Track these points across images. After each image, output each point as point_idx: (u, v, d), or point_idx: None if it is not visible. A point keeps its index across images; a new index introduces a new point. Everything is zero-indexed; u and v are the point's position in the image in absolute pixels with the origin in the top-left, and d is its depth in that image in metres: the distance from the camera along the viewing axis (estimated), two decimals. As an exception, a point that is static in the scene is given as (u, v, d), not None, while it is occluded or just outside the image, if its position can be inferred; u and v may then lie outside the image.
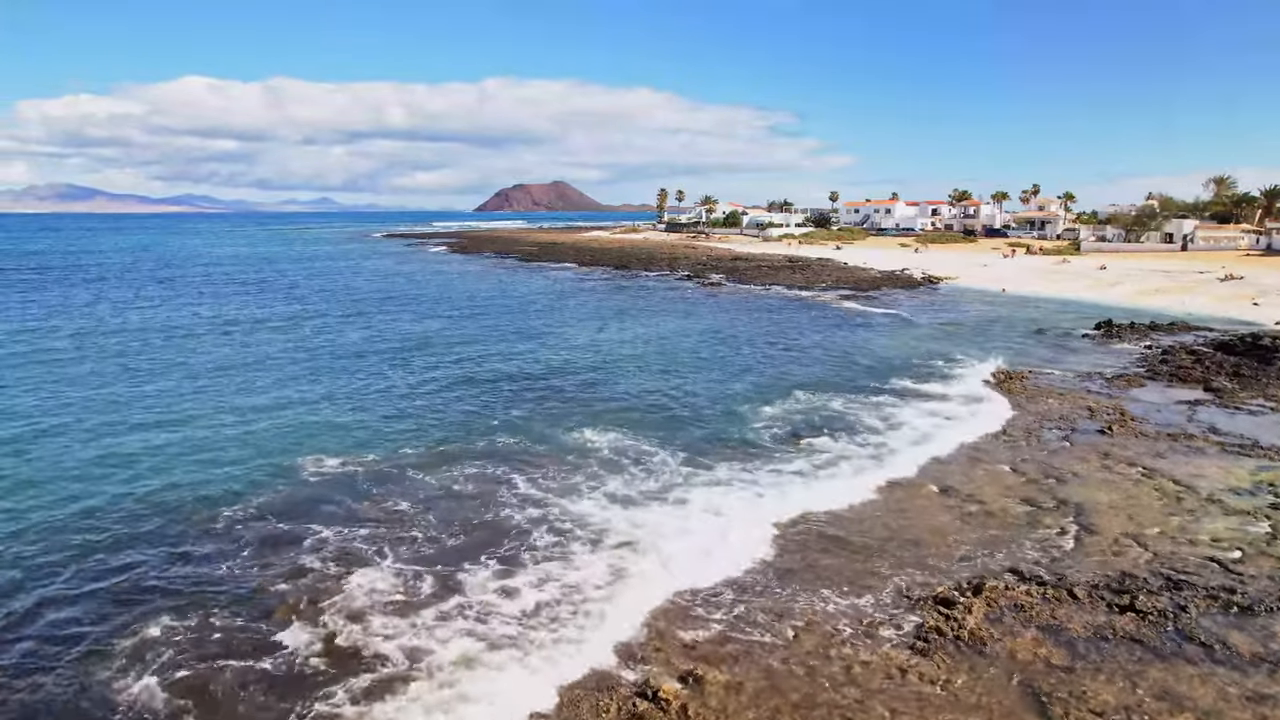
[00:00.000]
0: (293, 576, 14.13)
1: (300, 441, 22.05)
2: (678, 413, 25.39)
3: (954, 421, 24.18)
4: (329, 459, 20.56)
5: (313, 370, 31.65)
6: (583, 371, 31.78)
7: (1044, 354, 36.62)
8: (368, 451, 21.31)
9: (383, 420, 24.41)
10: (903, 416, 24.67)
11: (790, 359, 35.15)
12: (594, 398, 27.35)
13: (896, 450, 21.51)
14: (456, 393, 28.09)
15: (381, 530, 16.27)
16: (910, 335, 42.13)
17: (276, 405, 25.93)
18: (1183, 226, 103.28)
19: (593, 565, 14.48)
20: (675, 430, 23.25)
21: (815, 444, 21.80)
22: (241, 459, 20.66)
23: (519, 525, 16.41)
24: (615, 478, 19.13)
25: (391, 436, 22.74)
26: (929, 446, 21.76)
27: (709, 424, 23.97)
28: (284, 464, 20.21)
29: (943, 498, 18.20)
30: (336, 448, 21.48)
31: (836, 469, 19.84)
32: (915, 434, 22.96)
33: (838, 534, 16.17)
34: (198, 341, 38.35)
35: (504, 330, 42.73)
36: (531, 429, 23.37)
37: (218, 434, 22.79)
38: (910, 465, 20.28)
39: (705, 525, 16.32)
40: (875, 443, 22.13)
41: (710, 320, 47.90)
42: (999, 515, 17.07)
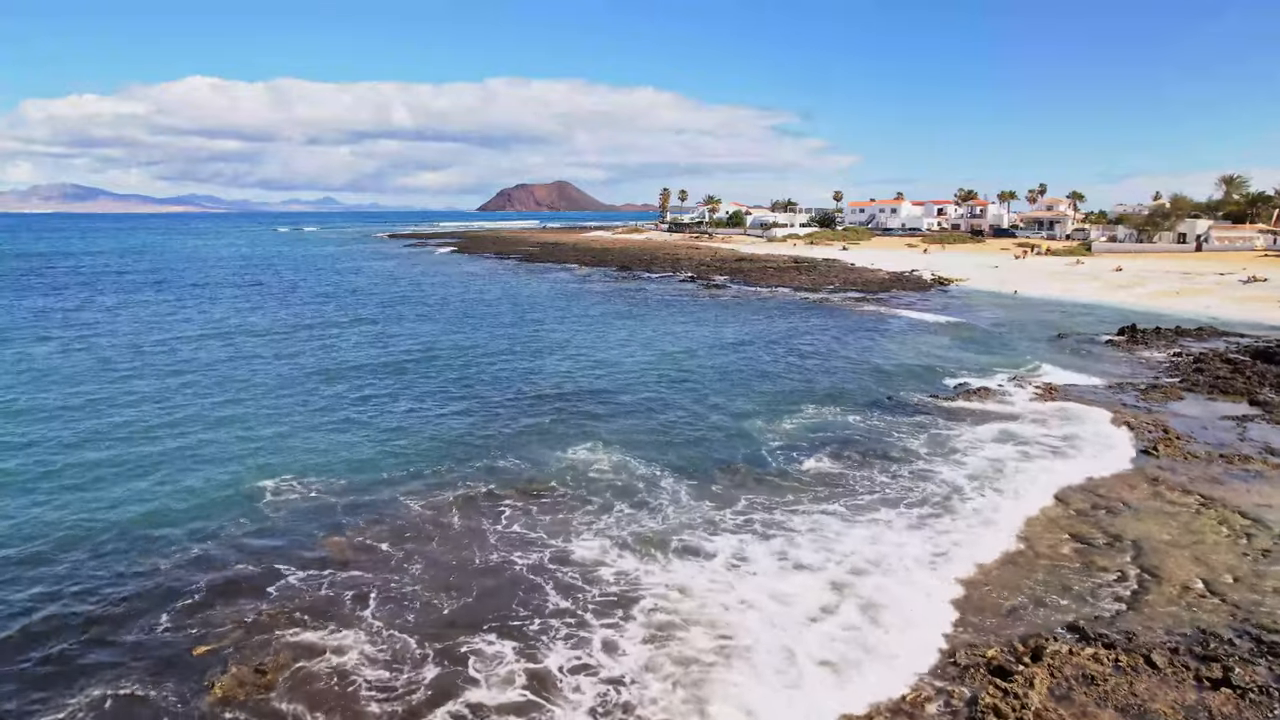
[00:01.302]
0: (244, 640, 12.23)
1: (270, 463, 20.20)
2: (687, 431, 23.49)
3: (994, 444, 22.01)
4: (302, 483, 18.74)
5: (294, 383, 29.80)
6: (584, 383, 29.91)
7: (1069, 362, 34.67)
8: (347, 474, 19.48)
9: (366, 438, 22.58)
10: (939, 438, 22.47)
11: (806, 367, 33.27)
12: (596, 414, 25.48)
13: (939, 477, 19.31)
14: (449, 407, 26.24)
15: (360, 577, 14.39)
16: (927, 342, 40.22)
17: (247, 422, 24.05)
18: (1196, 226, 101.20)
19: (629, 646, 11.97)
20: (686, 453, 21.32)
21: (848, 476, 19.60)
22: (200, 484, 18.80)
23: (524, 578, 14.21)
24: (625, 514, 17.05)
25: (375, 457, 20.91)
26: (968, 470, 19.74)
27: (725, 447, 21.96)
28: (249, 489, 18.37)
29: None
30: (312, 470, 19.64)
31: (877, 514, 17.22)
32: (958, 461, 20.64)
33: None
34: (175, 351, 36.50)
35: (501, 338, 40.90)
36: (530, 450, 21.52)
37: (175, 454, 20.87)
38: (962, 501, 17.97)
39: (747, 589, 13.73)
40: (917, 470, 19.79)
41: (717, 325, 46.03)
42: (1047, 555, 15.19)
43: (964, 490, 18.41)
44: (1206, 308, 51.87)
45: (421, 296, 60.63)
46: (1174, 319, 46.94)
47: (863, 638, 12.26)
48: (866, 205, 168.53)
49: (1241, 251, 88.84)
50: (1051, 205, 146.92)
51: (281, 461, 20.29)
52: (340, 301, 56.81)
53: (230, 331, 42.18)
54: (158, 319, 47.05)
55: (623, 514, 17.04)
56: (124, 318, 47.31)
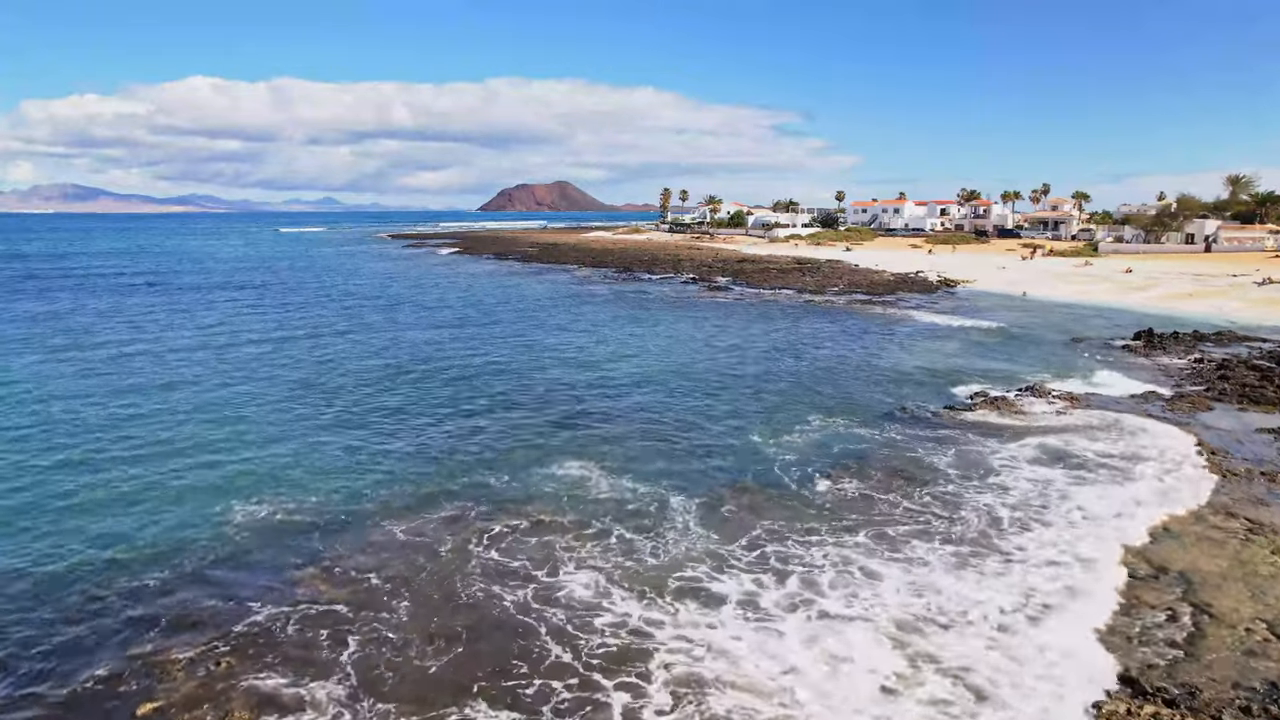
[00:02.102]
0: (199, 693, 10.92)
1: (244, 482, 18.86)
2: (691, 445, 22.18)
3: (1031, 464, 20.44)
4: (277, 504, 17.45)
5: (277, 395, 28.48)
6: (581, 393, 28.60)
7: (1087, 369, 33.36)
8: (326, 494, 18.18)
9: (349, 455, 21.26)
10: (965, 456, 21.02)
11: (813, 374, 31.95)
12: (594, 426, 24.18)
13: (972, 503, 17.74)
14: (438, 420, 24.94)
15: (337, 615, 13.08)
16: (937, 347, 38.90)
17: (223, 438, 22.64)
18: (1204, 227, 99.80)
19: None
20: (690, 470, 20.02)
21: (871, 500, 18.24)
22: (165, 505, 17.49)
23: (516, 622, 12.80)
24: (626, 543, 15.69)
25: (358, 475, 19.60)
26: (1007, 496, 18.18)
27: (732, 463, 20.64)
28: (219, 512, 17.08)
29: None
30: (289, 490, 18.35)
31: (910, 550, 15.29)
32: (992, 485, 19.00)
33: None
34: (157, 360, 35.16)
35: (496, 344, 39.56)
36: (523, 467, 20.20)
37: (140, 473, 19.54)
38: (1001, 534, 16.25)
39: (787, 646, 11.92)
40: (946, 495, 18.15)
41: (719, 329, 44.71)
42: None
43: (1003, 523, 16.65)
44: (1222, 311, 50.54)
45: (417, 300, 59.35)
46: (1190, 322, 45.64)
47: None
48: (869, 205, 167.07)
49: (1251, 252, 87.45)
50: (1056, 205, 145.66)
51: (256, 480, 18.98)
52: (333, 306, 55.51)
53: (218, 339, 40.89)
54: (145, 326, 45.76)
55: (623, 543, 15.71)
56: (111, 324, 46.02)
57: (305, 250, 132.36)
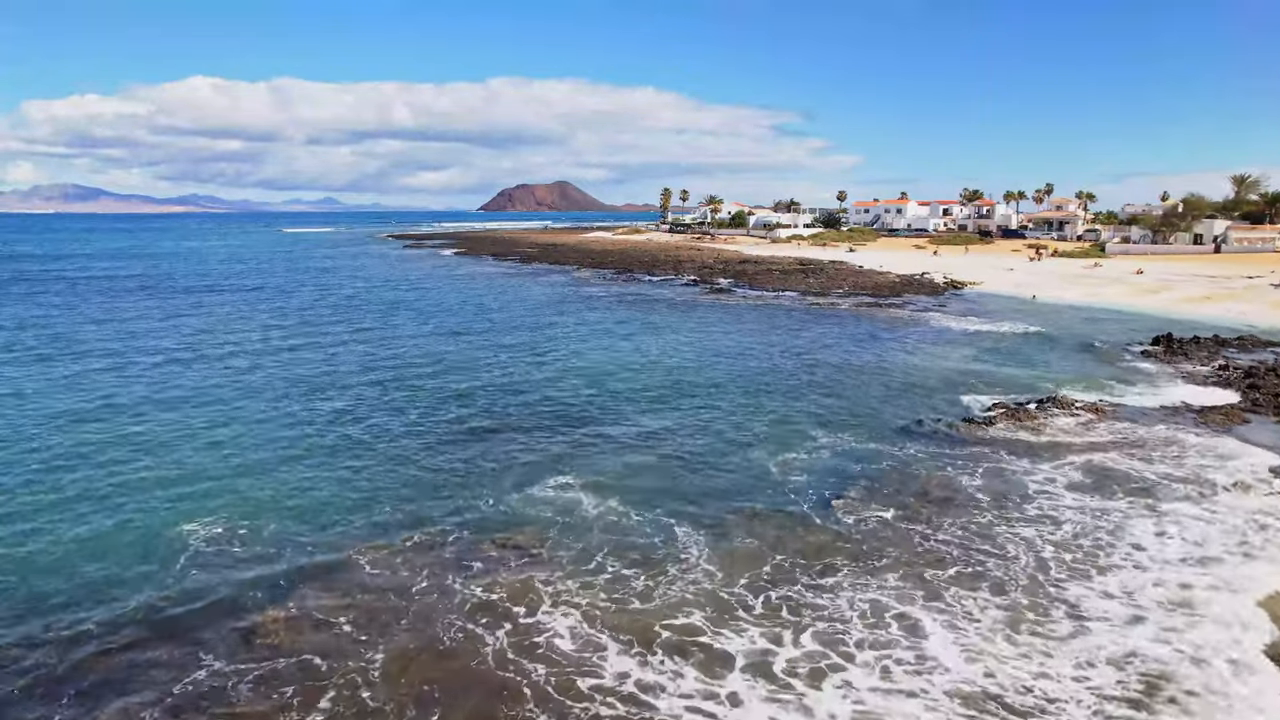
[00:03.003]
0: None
1: (207, 505, 17.36)
2: (693, 463, 20.70)
3: (1070, 492, 18.55)
4: (241, 532, 16.00)
5: (252, 408, 26.91)
6: (575, 405, 27.10)
7: (1108, 377, 31.89)
8: (295, 519, 16.72)
9: (324, 474, 19.78)
10: (996, 478, 19.30)
11: (821, 383, 30.48)
12: (588, 442, 22.70)
13: (1011, 538, 15.66)
14: (422, 435, 23.45)
15: (300, 666, 11.61)
16: (948, 353, 37.43)
17: (190, 455, 21.08)
18: (1213, 227, 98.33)
19: None
20: (692, 491, 18.54)
21: (896, 531, 16.63)
22: (115, 531, 16.02)
23: (500, 681, 11.35)
24: (621, 580, 14.17)
25: (332, 497, 18.14)
26: (1049, 532, 16.25)
27: (738, 484, 19.16)
28: (175, 540, 15.62)
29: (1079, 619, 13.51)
30: (256, 514, 16.88)
31: (950, 599, 13.02)
32: (1029, 517, 16.94)
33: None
34: (132, 369, 33.66)
35: (489, 351, 38.03)
36: (510, 488, 18.72)
37: (93, 493, 18.03)
38: (1049, 580, 13.97)
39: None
40: (981, 527, 16.10)
41: (721, 333, 43.24)
42: (1141, 637, 12.39)
43: (1059, 565, 14.56)
44: (1241, 314, 49.05)
45: (412, 304, 57.93)
46: (1208, 326, 44.17)
47: None
48: (871, 205, 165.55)
49: (1263, 253, 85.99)
50: (1061, 205, 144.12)
51: (220, 505, 17.49)
52: (325, 312, 54.03)
53: (201, 348, 39.38)
54: (128, 332, 44.29)
55: (619, 581, 14.20)
56: (94, 330, 44.56)
57: (305, 251, 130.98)
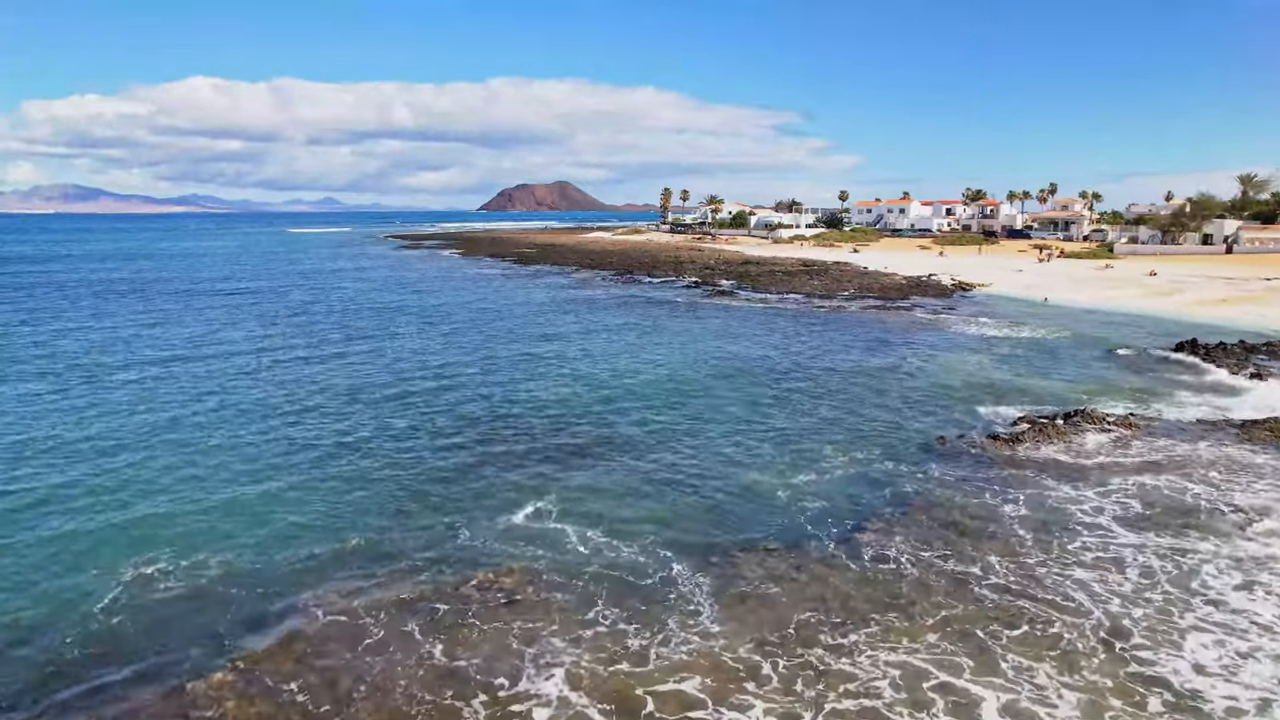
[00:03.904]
0: None
1: (150, 536, 15.53)
2: (695, 487, 18.85)
3: (1124, 527, 16.41)
4: (184, 571, 14.19)
5: (219, 424, 24.93)
6: (569, 422, 25.20)
7: (1135, 387, 30.09)
8: (248, 556, 14.90)
9: (291, 501, 17.92)
10: (1039, 509, 17.39)
11: (830, 394, 28.65)
12: (579, 464, 20.84)
13: (1072, 588, 13.44)
14: (403, 455, 21.61)
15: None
16: (963, 360, 35.60)
17: (143, 476, 19.24)
18: (1224, 227, 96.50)
19: None
20: (694, 523, 16.70)
21: (930, 575, 14.62)
22: (39, 566, 14.12)
23: None
24: (614, 635, 12.33)
25: (294, 530, 16.28)
26: (1116, 583, 14.09)
27: (745, 513, 17.29)
28: (109, 578, 13.81)
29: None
30: (203, 549, 15.04)
31: (1008, 669, 11.13)
32: (1087, 560, 14.87)
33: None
34: (99, 381, 31.80)
35: (480, 360, 36.12)
36: (490, 518, 16.88)
37: (20, 521, 16.13)
38: (1128, 646, 11.80)
39: None
40: (1029, 569, 14.17)
41: (725, 341, 41.39)
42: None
43: (1126, 630, 12.17)
44: (1262, 317, 47.22)
45: (405, 308, 56.16)
46: (1231, 331, 42.34)
47: None
48: (873, 205, 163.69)
49: (1276, 254, 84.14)
50: (1066, 205, 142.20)
51: (166, 535, 15.66)
52: (314, 318, 52.13)
53: (180, 356, 37.57)
54: (109, 339, 42.52)
55: (612, 635, 12.32)
56: (75, 337, 42.81)
57: (304, 251, 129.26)
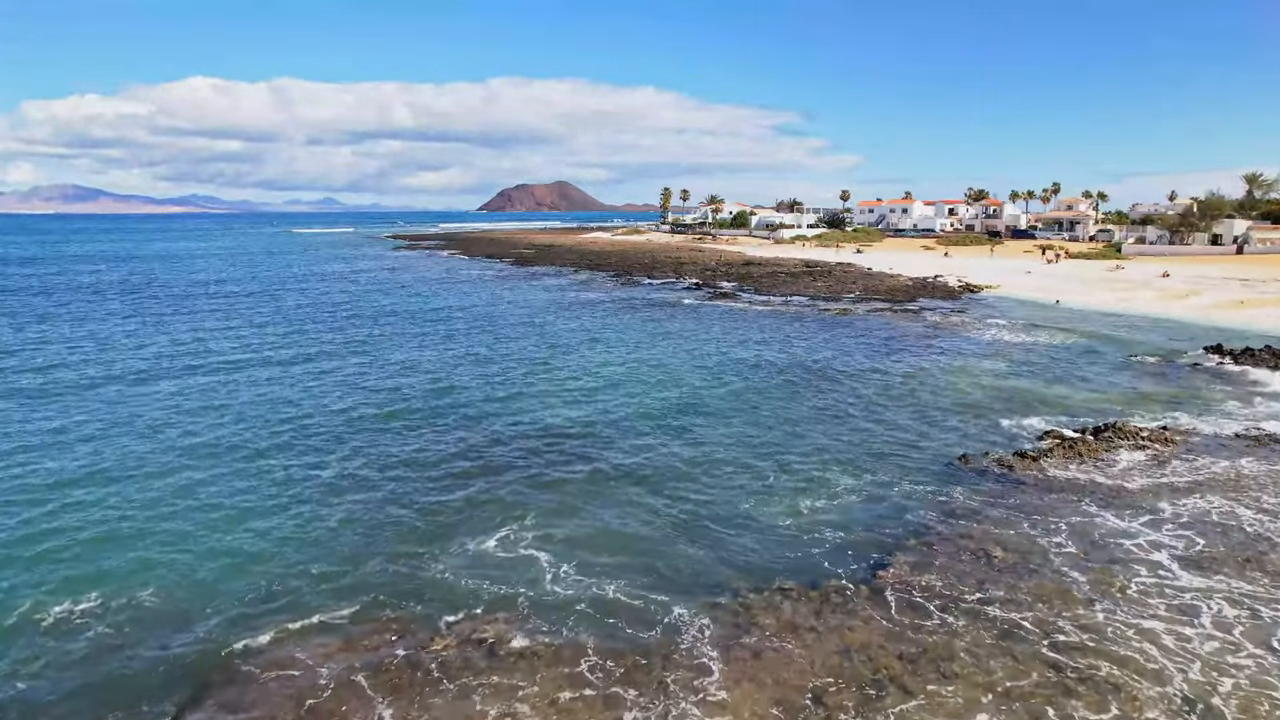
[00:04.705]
0: None
1: (80, 576, 13.71)
2: (701, 518, 17.05)
3: (1177, 564, 14.60)
4: (104, 617, 12.41)
5: (183, 442, 23.34)
6: (564, 437, 23.36)
7: (1163, 397, 28.36)
8: (182, 602, 13.13)
9: (239, 529, 16.10)
10: (1087, 544, 15.59)
11: (841, 406, 26.91)
12: (577, 487, 19.08)
13: (1130, 636, 11.72)
14: (378, 477, 19.81)
15: None
16: (979, 367, 33.86)
17: (73, 503, 17.42)
18: (1233, 227, 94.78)
19: None
20: (700, 559, 14.91)
21: (969, 623, 12.68)
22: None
23: None
24: (611, 711, 10.56)
25: (242, 567, 14.49)
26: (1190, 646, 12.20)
27: (753, 545, 15.50)
28: (13, 628, 12.06)
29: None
30: (132, 590, 13.28)
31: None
32: (1138, 602, 13.05)
33: None
34: (60, 396, 30.15)
35: (471, 368, 34.26)
36: (468, 554, 15.09)
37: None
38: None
39: None
40: (1084, 619, 12.41)
41: (726, 345, 39.62)
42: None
43: (1218, 711, 10.37)
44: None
45: (399, 311, 54.46)
46: (1255, 334, 40.66)
47: None
48: (875, 205, 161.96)
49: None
50: (1071, 205, 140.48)
51: (106, 571, 13.89)
52: (305, 322, 50.33)
53: (158, 366, 35.91)
54: (88, 347, 40.83)
55: (605, 704, 10.53)
56: (54, 346, 41.16)
57: (302, 252, 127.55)
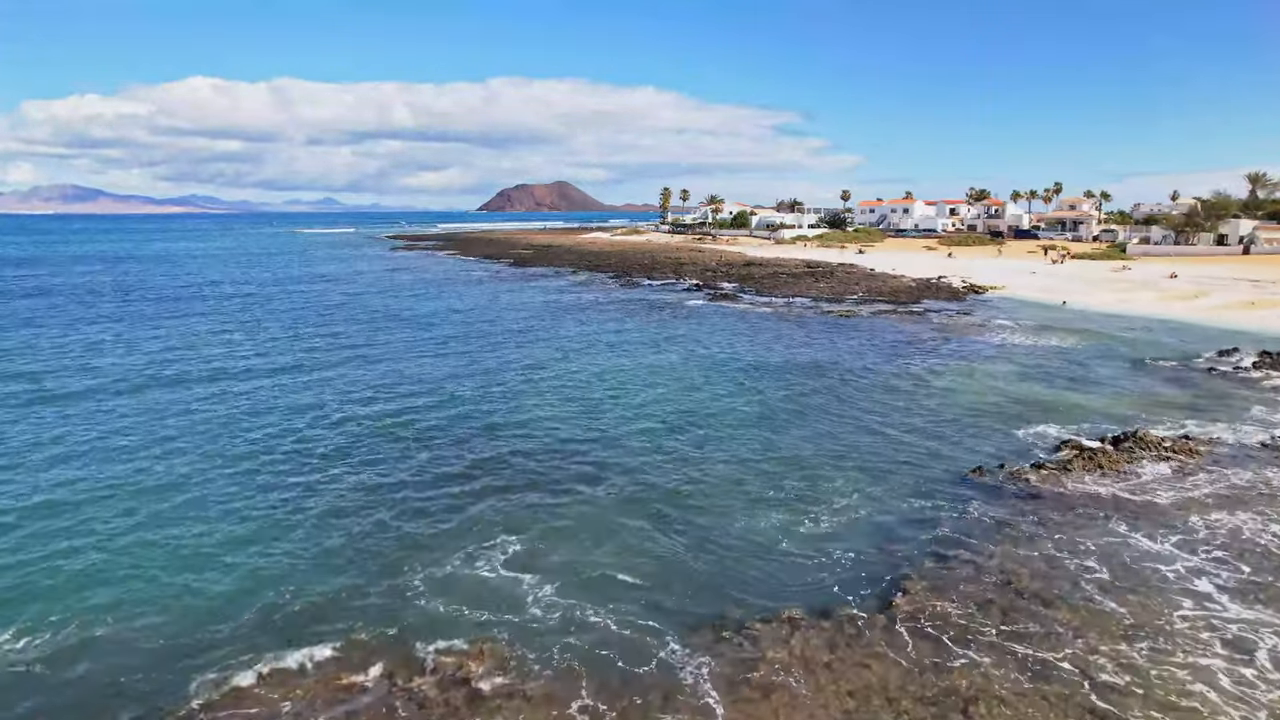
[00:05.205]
0: None
1: (22, 610, 12.75)
2: (700, 538, 16.11)
3: (1226, 595, 13.63)
4: (46, 656, 11.46)
5: (153, 460, 22.37)
6: (556, 451, 22.36)
7: (1180, 403, 27.43)
8: (138, 618, 12.18)
9: (203, 541, 15.20)
10: (1113, 566, 14.57)
11: (853, 416, 25.93)
12: (568, 505, 18.10)
13: (1185, 680, 10.51)
14: (356, 494, 18.83)
15: None
16: (987, 371, 32.91)
17: (30, 529, 16.50)
18: (1239, 227, 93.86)
19: None
20: (699, 582, 13.98)
21: (1003, 651, 11.47)
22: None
23: None
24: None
25: (205, 581, 13.58)
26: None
27: (761, 571, 14.49)
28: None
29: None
30: (85, 626, 12.33)
31: None
32: (1188, 639, 11.64)
33: None
34: (24, 414, 29.29)
35: (465, 375, 33.19)
36: (450, 580, 14.13)
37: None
38: None
39: None
40: (1124, 660, 11.21)
41: (729, 351, 38.63)
42: None
43: None
44: (1298, 322, 44.55)
45: (394, 314, 53.55)
46: (1270, 337, 39.87)
47: None
48: (876, 205, 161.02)
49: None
50: (1074, 205, 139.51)
51: (54, 603, 12.87)
52: (297, 326, 49.38)
53: (133, 377, 35.02)
54: (73, 353, 39.97)
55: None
56: (34, 353, 40.26)
57: (300, 253, 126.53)
